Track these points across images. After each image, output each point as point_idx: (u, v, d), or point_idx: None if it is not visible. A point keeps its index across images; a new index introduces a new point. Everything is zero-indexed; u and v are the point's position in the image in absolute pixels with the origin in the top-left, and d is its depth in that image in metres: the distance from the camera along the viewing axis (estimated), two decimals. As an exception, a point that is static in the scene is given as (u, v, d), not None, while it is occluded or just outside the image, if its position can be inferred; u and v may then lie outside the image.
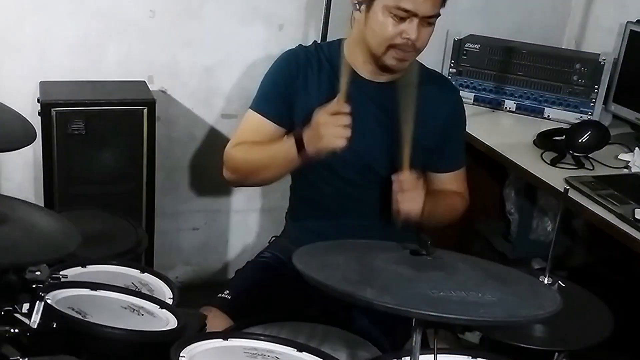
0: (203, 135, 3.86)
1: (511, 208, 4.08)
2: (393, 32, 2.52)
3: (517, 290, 1.75)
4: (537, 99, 3.85)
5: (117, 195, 3.41)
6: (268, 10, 3.76)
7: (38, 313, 1.72)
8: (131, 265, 2.26)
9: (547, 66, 3.83)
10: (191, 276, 4.16)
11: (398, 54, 2.56)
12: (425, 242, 1.81)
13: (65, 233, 1.85)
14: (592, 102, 3.75)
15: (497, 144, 3.36)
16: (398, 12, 2.48)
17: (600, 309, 2.16)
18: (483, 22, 4.05)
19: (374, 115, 2.68)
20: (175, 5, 3.61)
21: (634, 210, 2.75)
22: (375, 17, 2.53)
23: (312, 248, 1.87)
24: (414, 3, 2.46)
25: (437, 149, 2.79)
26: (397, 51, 2.55)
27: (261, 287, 2.71)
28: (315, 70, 2.72)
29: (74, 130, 3.24)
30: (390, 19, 2.50)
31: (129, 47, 3.59)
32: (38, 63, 3.47)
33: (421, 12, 2.49)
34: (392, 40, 2.53)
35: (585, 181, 3.02)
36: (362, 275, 1.69)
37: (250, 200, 4.11)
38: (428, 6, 2.49)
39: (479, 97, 3.93)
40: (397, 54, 2.56)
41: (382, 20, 2.51)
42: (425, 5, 2.48)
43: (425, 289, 1.62)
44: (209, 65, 3.76)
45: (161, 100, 3.60)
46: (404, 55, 2.57)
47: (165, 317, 1.96)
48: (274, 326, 2.41)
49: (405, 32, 2.51)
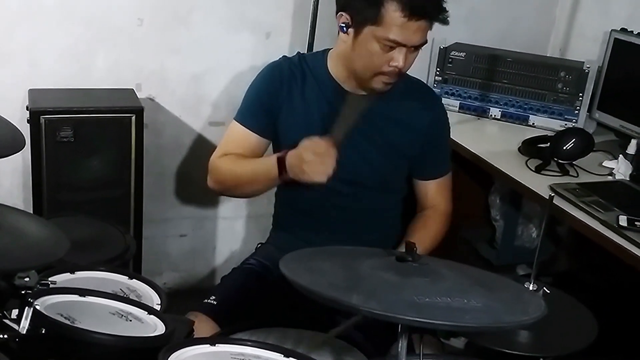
0: (191, 143, 3.87)
1: (496, 215, 4.09)
2: (381, 60, 2.54)
3: (502, 296, 1.76)
4: (522, 106, 3.86)
5: (105, 201, 3.42)
6: (255, 18, 3.77)
7: (27, 319, 1.72)
8: (119, 272, 2.25)
9: (531, 74, 3.85)
10: (179, 282, 4.17)
11: (385, 79, 2.60)
12: (410, 248, 1.82)
13: (53, 239, 1.85)
14: (577, 110, 3.76)
15: (482, 151, 3.37)
16: (388, 42, 2.50)
17: (585, 315, 2.17)
18: (468, 30, 4.06)
19: (358, 128, 2.69)
20: (163, 13, 3.61)
21: (618, 217, 2.77)
22: (363, 44, 2.55)
23: (298, 254, 1.88)
24: (405, 35, 2.49)
25: (421, 156, 2.81)
26: (383, 77, 2.59)
27: (246, 293, 2.73)
28: (299, 83, 2.75)
29: (62, 137, 3.24)
30: (379, 48, 2.52)
31: (117, 55, 3.60)
32: (27, 71, 3.47)
33: (411, 43, 2.52)
34: (380, 68, 2.56)
35: (570, 188, 3.03)
36: (349, 281, 1.70)
37: (237, 207, 4.12)
38: (417, 37, 2.52)
39: (465, 105, 3.94)
40: (383, 79, 2.60)
41: (370, 48, 2.53)
42: (415, 37, 2.51)
43: (411, 295, 1.63)
44: (197, 73, 3.77)
45: (149, 107, 3.61)
46: (390, 80, 2.60)
47: (153, 323, 1.95)
48: (261, 332, 2.41)
49: (393, 61, 2.54)
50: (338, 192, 2.73)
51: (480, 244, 4.17)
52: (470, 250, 4.14)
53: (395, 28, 2.47)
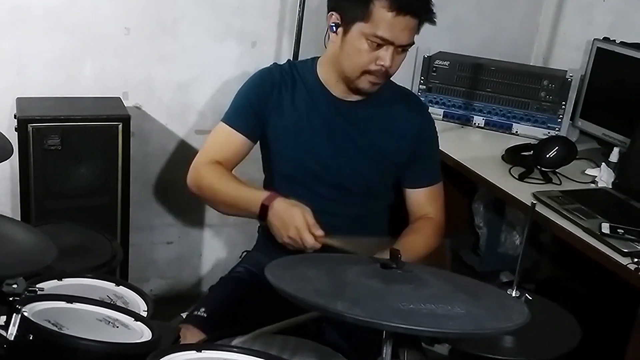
0: (177, 151, 3.89)
1: (480, 222, 4.10)
2: (368, 58, 2.56)
3: (485, 303, 1.77)
4: (505, 115, 3.89)
5: (92, 209, 3.43)
6: (241, 27, 3.79)
7: (15, 325, 1.72)
8: (106, 279, 2.25)
9: (515, 83, 3.87)
10: (165, 289, 4.18)
11: (371, 79, 2.61)
12: (395, 255, 1.83)
13: (41, 246, 1.86)
14: (560, 118, 3.79)
15: (466, 159, 3.39)
16: (375, 39, 2.53)
17: (567, 320, 2.19)
18: (452, 39, 4.08)
19: (346, 133, 2.72)
20: (149, 23, 3.63)
21: (600, 225, 2.78)
22: (351, 42, 2.57)
23: (284, 261, 1.89)
24: (392, 32, 2.52)
25: (409, 164, 2.82)
26: (370, 76, 2.60)
27: (236, 303, 2.72)
28: (289, 89, 2.76)
29: (50, 145, 3.25)
30: (367, 45, 2.54)
31: (104, 64, 3.61)
32: (15, 79, 3.48)
33: (398, 41, 2.54)
34: (366, 66, 2.57)
35: (553, 196, 3.05)
36: (334, 288, 1.70)
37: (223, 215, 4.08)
38: (405, 36, 2.54)
39: (448, 113, 3.96)
40: (370, 78, 2.61)
41: (358, 46, 2.56)
42: (402, 35, 2.53)
43: (396, 302, 1.63)
44: (183, 82, 3.79)
45: (136, 116, 3.62)
46: (377, 80, 2.62)
47: (139, 329, 1.96)
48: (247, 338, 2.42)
49: (380, 59, 2.55)
50: (324, 197, 2.75)
51: (464, 250, 4.18)
52: (454, 256, 4.15)
53: (383, 24, 2.50)
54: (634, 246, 2.67)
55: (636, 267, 2.56)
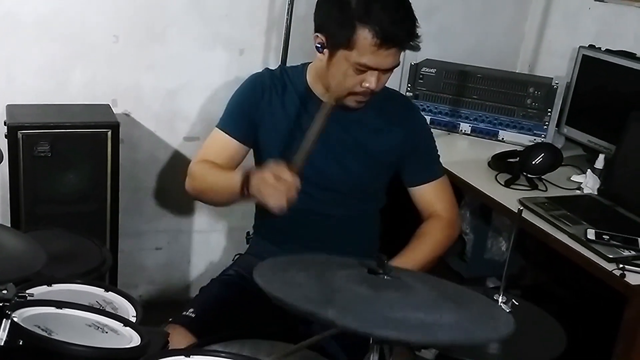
0: (166, 158, 3.90)
1: (466, 228, 4.11)
2: (353, 82, 2.57)
3: (473, 311, 1.75)
4: (491, 122, 3.91)
5: (81, 215, 3.44)
6: (229, 35, 3.81)
7: (4, 331, 1.72)
8: (95, 284, 2.26)
9: (501, 90, 3.89)
10: (154, 294, 4.18)
11: (357, 98, 2.63)
12: (382, 260, 1.81)
13: (31, 252, 1.86)
14: (546, 125, 3.82)
15: (452, 165, 3.35)
16: (359, 67, 2.53)
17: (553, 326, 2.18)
18: (439, 46, 4.09)
19: (336, 136, 2.73)
20: (138, 30, 3.64)
21: (586, 231, 2.81)
22: (337, 65, 2.57)
23: (272, 263, 1.87)
24: (376, 61, 2.52)
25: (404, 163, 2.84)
26: (357, 96, 2.61)
27: (224, 305, 2.73)
28: (280, 93, 2.78)
29: (39, 152, 3.26)
30: (352, 71, 2.54)
31: (93, 72, 3.62)
32: (5, 86, 3.49)
33: (382, 67, 2.55)
34: (352, 88, 2.58)
35: (539, 202, 3.07)
36: (323, 294, 1.68)
37: (212, 221, 4.15)
38: (389, 62, 2.55)
39: (435, 120, 3.97)
40: (356, 98, 2.62)
41: (344, 70, 2.56)
42: (386, 62, 2.54)
43: (385, 310, 1.62)
44: (172, 89, 3.80)
45: (125, 123, 3.63)
46: (363, 99, 2.64)
47: (129, 335, 1.96)
48: (235, 343, 2.43)
49: (365, 82, 2.56)
50: (316, 199, 2.75)
51: (450, 256, 4.18)
52: (441, 262, 4.15)
53: (367, 54, 2.49)
54: (619, 252, 2.70)
55: (621, 273, 2.59)
